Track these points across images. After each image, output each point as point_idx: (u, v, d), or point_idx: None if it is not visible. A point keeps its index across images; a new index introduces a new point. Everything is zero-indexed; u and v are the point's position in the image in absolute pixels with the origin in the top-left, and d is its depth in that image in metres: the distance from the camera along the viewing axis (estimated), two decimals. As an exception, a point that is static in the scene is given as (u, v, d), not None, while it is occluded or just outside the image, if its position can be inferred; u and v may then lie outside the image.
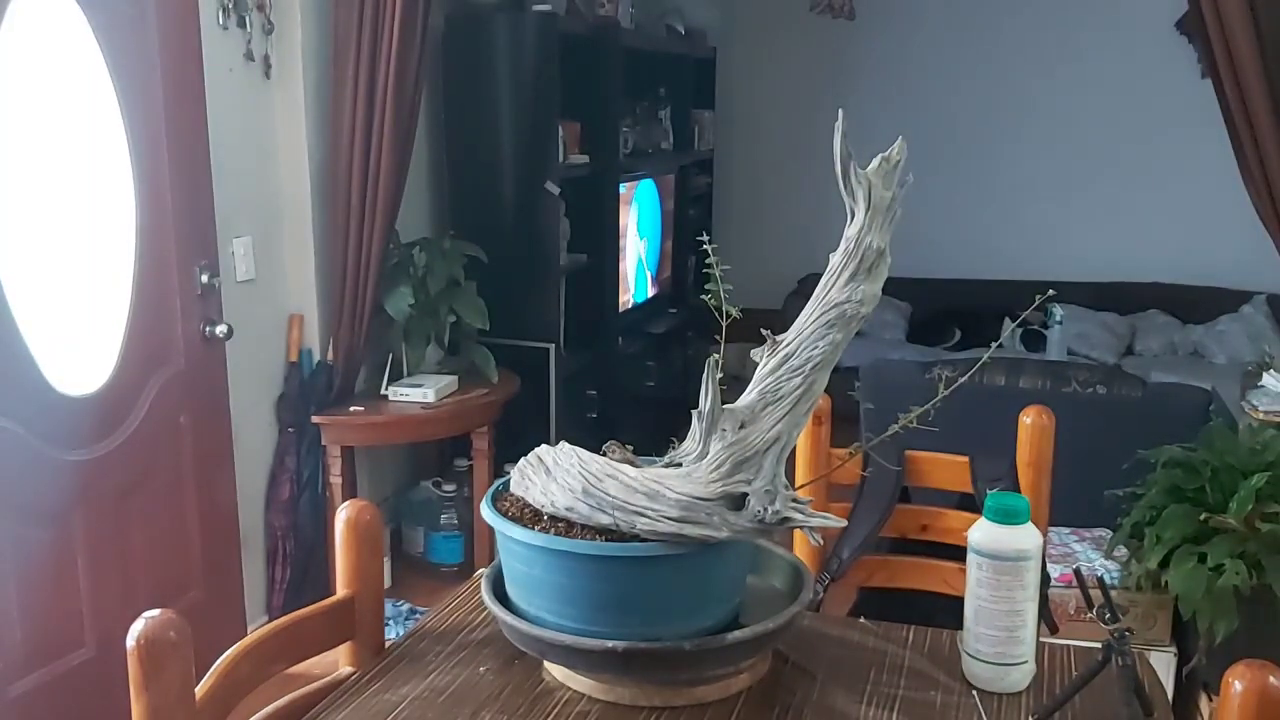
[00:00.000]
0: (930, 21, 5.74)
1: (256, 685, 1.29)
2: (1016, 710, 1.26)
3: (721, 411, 1.20)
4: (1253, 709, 1.00)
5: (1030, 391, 2.95)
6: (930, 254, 5.41)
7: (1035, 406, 1.79)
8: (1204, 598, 2.27)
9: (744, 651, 1.25)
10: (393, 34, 3.19)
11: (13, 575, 2.38)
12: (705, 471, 1.19)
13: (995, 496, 1.29)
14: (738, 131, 6.07)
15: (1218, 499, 2.38)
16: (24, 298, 2.39)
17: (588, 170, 4.13)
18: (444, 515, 3.75)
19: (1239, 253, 4.70)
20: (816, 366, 1.20)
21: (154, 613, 1.09)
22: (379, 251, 3.33)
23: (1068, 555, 2.72)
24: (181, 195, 2.82)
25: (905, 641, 1.42)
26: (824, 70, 5.84)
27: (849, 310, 1.20)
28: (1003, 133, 5.73)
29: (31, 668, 2.45)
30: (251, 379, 3.21)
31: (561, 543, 1.20)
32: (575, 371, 4.09)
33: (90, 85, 2.58)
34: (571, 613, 1.22)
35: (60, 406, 2.50)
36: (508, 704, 1.26)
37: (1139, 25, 5.39)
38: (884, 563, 1.89)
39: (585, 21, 4.20)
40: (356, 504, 1.43)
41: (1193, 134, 4.91)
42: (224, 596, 3.06)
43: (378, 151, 3.28)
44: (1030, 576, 1.27)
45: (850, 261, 1.21)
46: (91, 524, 2.56)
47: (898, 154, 1.22)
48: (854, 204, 1.21)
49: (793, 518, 1.19)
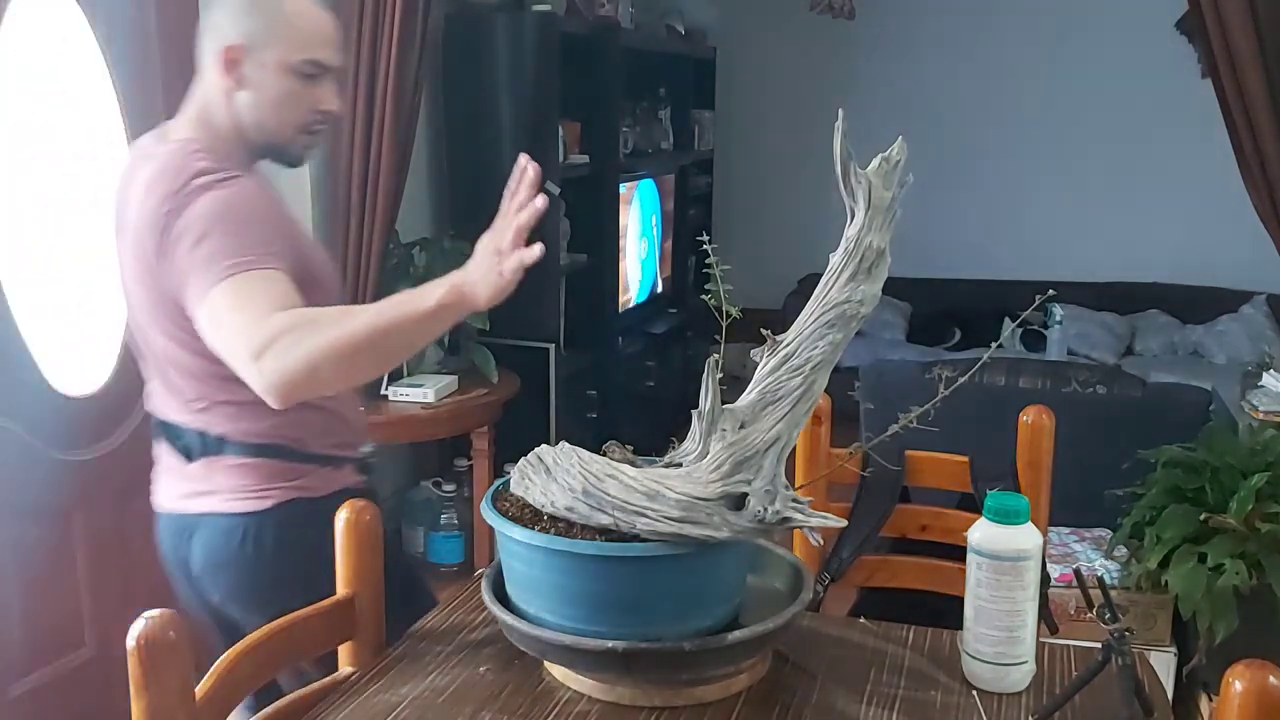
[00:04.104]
0: (930, 21, 5.74)
1: (256, 685, 1.29)
2: (1016, 710, 1.26)
3: (721, 411, 1.20)
4: (1253, 709, 1.00)
5: (1030, 391, 2.95)
6: (930, 254, 5.41)
7: (1035, 406, 1.79)
8: (1204, 598, 2.27)
9: (744, 651, 1.25)
10: (393, 34, 3.19)
11: (13, 575, 2.38)
12: (705, 471, 1.19)
13: (995, 496, 1.29)
14: (738, 131, 6.07)
15: (1218, 499, 2.38)
16: (24, 298, 2.39)
17: (588, 170, 4.13)
18: (444, 515, 3.75)
19: (1239, 253, 4.69)
20: (816, 366, 1.20)
21: (154, 613, 1.09)
22: (379, 251, 3.32)
23: (1068, 555, 2.72)
24: (181, 195, 2.82)
25: (905, 641, 1.42)
26: (824, 70, 5.83)
27: (849, 310, 1.20)
28: (1003, 133, 5.73)
29: (31, 668, 2.45)
30: (251, 379, 3.20)
31: (561, 543, 1.20)
32: (575, 371, 4.08)
33: (90, 85, 2.58)
34: (571, 613, 1.22)
35: (60, 406, 2.50)
36: (508, 704, 1.26)
37: (1139, 25, 5.39)
38: (884, 563, 1.89)
39: (585, 21, 4.20)
40: (356, 504, 1.43)
41: (1193, 134, 4.90)
42: (224, 596, 3.06)
43: (378, 151, 3.27)
44: (1030, 576, 1.27)
45: (850, 261, 1.21)
46: (91, 524, 2.56)
47: (898, 154, 1.22)
48: (854, 204, 1.21)
49: (793, 518, 1.19)
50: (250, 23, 1.59)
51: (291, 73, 1.60)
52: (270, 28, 1.59)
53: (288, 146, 1.66)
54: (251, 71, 1.60)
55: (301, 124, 1.65)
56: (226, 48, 1.59)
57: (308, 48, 1.61)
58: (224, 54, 1.59)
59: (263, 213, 1.57)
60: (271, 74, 1.60)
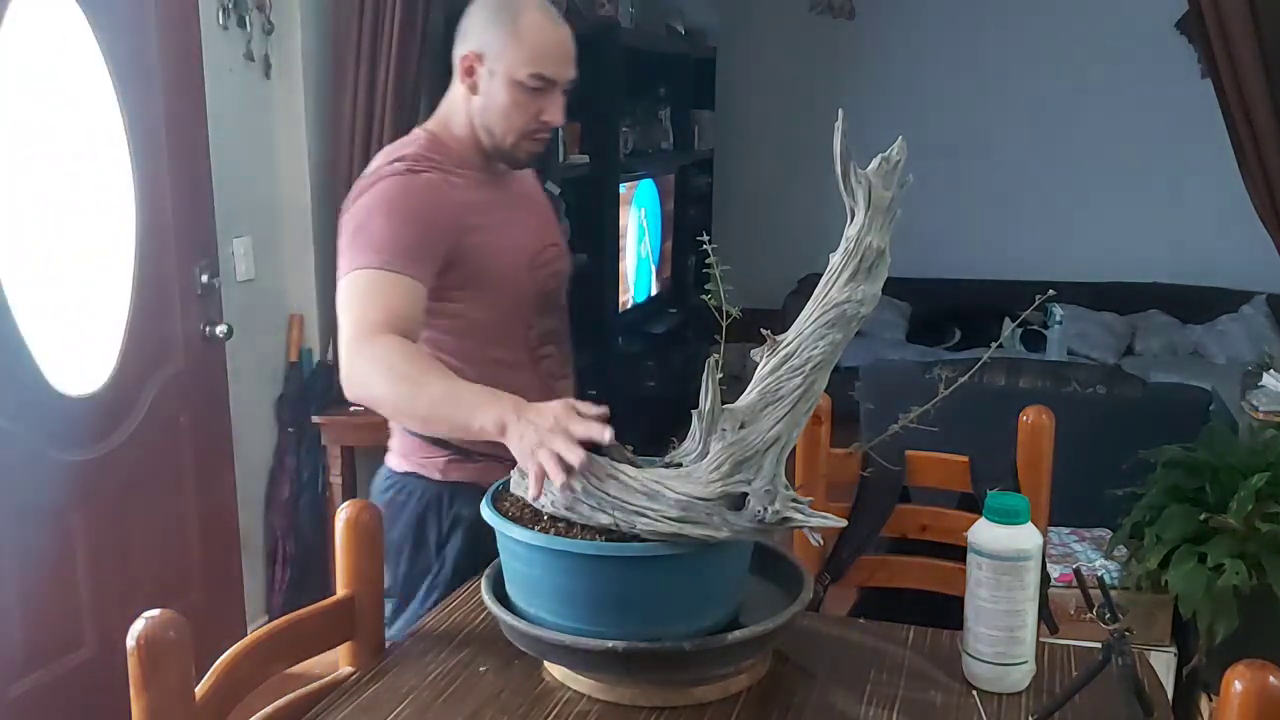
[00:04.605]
0: (930, 21, 5.73)
1: (256, 685, 1.29)
2: (1016, 710, 1.26)
3: (721, 411, 1.20)
4: (1253, 709, 1.00)
5: (1030, 391, 2.95)
6: (930, 254, 5.41)
7: (1035, 406, 1.79)
8: (1204, 598, 2.27)
9: (744, 651, 1.25)
10: (393, 34, 3.19)
11: (13, 575, 2.38)
12: (705, 471, 1.19)
13: (995, 496, 1.29)
14: (738, 131, 6.07)
15: (1218, 499, 2.38)
16: (24, 298, 2.39)
17: (588, 170, 4.12)
18: (444, 515, 3.74)
19: (1239, 253, 4.69)
20: (816, 366, 1.20)
21: (154, 613, 1.09)
22: (379, 251, 3.32)
23: (1068, 555, 2.72)
24: (181, 195, 2.82)
25: (905, 641, 1.42)
26: (824, 70, 5.83)
27: (849, 310, 1.20)
28: (1003, 132, 5.73)
29: (31, 668, 2.44)
30: (251, 379, 3.21)
31: (561, 543, 1.20)
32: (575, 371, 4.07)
33: (90, 85, 2.58)
34: (571, 613, 1.22)
35: (60, 406, 2.50)
36: (508, 704, 1.26)
37: (1139, 25, 5.39)
38: (884, 563, 1.89)
39: (585, 21, 4.20)
40: (356, 504, 1.44)
41: (1193, 134, 4.91)
42: (224, 596, 3.06)
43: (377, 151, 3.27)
44: (1030, 576, 1.27)
45: (850, 261, 1.21)
46: (91, 524, 2.56)
47: (897, 154, 1.22)
48: (854, 204, 1.21)
49: (793, 518, 1.19)
50: (487, 34, 1.71)
51: (517, 84, 1.71)
52: (503, 40, 1.70)
53: (512, 151, 1.76)
54: (483, 79, 1.72)
55: (524, 131, 1.75)
56: (465, 55, 1.73)
57: (534, 62, 1.71)
58: (463, 60, 1.74)
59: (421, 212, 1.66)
60: (500, 83, 1.71)
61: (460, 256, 1.69)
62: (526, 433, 1.29)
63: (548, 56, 1.72)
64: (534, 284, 1.81)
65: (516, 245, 1.79)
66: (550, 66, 1.73)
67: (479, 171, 1.77)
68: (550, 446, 1.23)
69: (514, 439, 1.32)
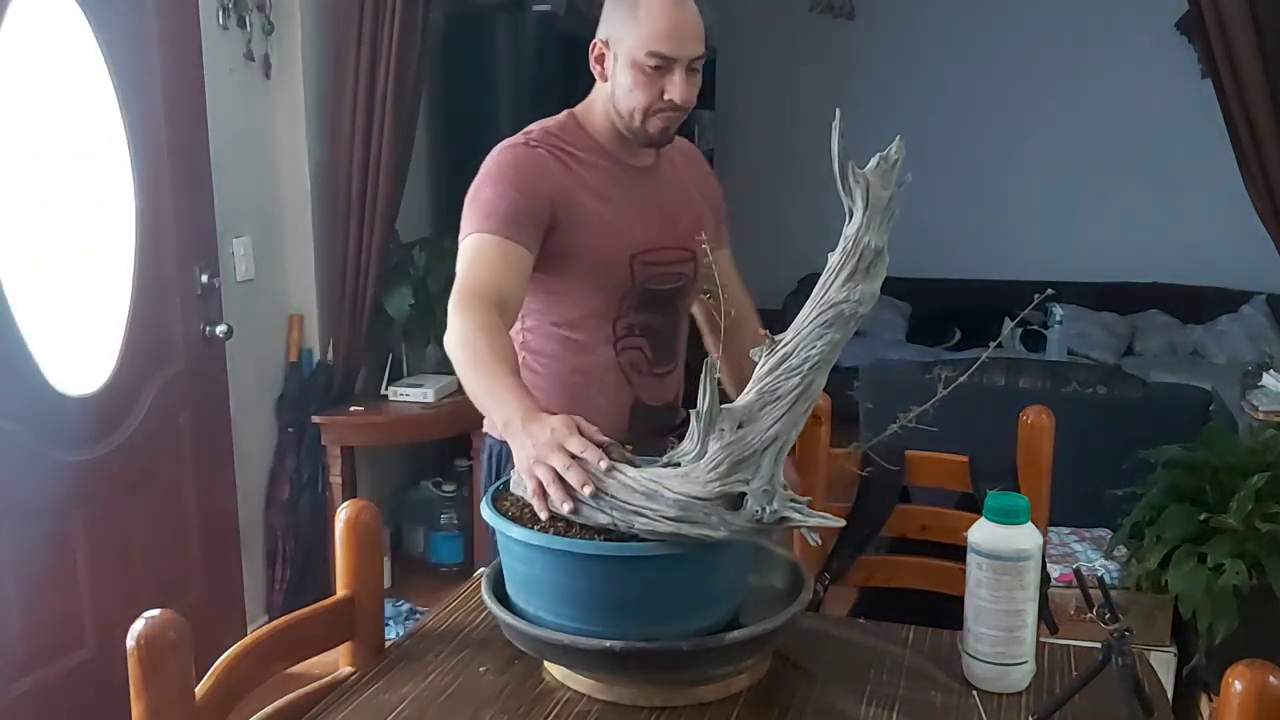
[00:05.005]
0: (930, 21, 5.73)
1: (256, 685, 1.29)
2: (1016, 710, 1.26)
3: (720, 411, 1.20)
4: (1253, 709, 1.00)
5: (1030, 391, 2.95)
6: (930, 254, 5.40)
7: (1035, 406, 1.79)
8: (1204, 598, 2.27)
9: (743, 651, 1.25)
10: (393, 34, 3.19)
11: (13, 575, 2.38)
12: (703, 471, 1.19)
13: (995, 496, 1.29)
14: (738, 131, 6.07)
15: (1218, 499, 2.38)
16: (24, 298, 2.39)
17: (588, 170, 4.12)
18: (444, 515, 3.75)
19: (1239, 253, 4.69)
20: (815, 366, 1.20)
21: (154, 613, 1.10)
22: (379, 251, 3.33)
23: (1068, 555, 2.71)
24: (181, 195, 2.82)
25: (905, 641, 1.42)
26: (824, 70, 5.83)
27: (847, 310, 1.20)
28: (1003, 132, 5.73)
29: (31, 668, 2.45)
30: (251, 379, 3.21)
31: (561, 542, 1.20)
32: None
33: (90, 85, 2.58)
34: (570, 612, 1.22)
35: (60, 406, 2.50)
36: (508, 704, 1.26)
37: (1139, 25, 5.38)
38: (884, 563, 1.89)
39: (585, 21, 4.20)
40: (356, 504, 1.44)
41: (1193, 134, 4.91)
42: (224, 596, 3.06)
43: (378, 151, 3.27)
44: (1030, 576, 1.27)
45: (848, 261, 1.21)
46: (91, 524, 2.56)
47: (896, 153, 1.22)
48: (852, 203, 1.21)
49: (791, 517, 1.19)
50: (612, 20, 1.79)
51: (637, 65, 1.76)
52: (624, 24, 1.76)
53: (643, 129, 1.81)
54: (610, 64, 1.80)
55: (648, 110, 1.79)
56: (595, 43, 1.81)
57: (651, 42, 1.74)
58: (594, 49, 1.82)
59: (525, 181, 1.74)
60: (623, 66, 1.77)
61: (560, 229, 1.75)
62: (524, 445, 1.30)
63: (664, 36, 1.75)
64: (635, 277, 1.81)
65: (622, 235, 1.81)
66: (667, 45, 1.76)
67: (611, 158, 1.84)
68: (546, 462, 1.24)
69: (514, 447, 1.33)
